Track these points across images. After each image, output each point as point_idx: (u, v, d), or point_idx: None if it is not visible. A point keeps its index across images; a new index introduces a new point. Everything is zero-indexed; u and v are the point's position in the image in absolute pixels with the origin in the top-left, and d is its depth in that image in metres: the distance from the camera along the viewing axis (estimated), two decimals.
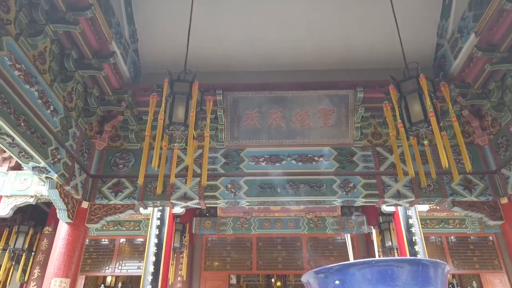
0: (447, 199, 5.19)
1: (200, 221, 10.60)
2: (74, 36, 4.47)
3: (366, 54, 5.80)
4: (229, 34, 5.77)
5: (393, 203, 5.35)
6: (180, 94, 3.84)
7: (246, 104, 5.52)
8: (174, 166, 3.78)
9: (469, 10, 5.00)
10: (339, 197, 5.27)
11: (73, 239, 5.01)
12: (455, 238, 10.12)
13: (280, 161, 5.55)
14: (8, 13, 3.66)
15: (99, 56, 4.80)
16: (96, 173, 5.49)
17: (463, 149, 3.47)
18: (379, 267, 1.14)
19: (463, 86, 5.24)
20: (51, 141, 4.42)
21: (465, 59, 5.15)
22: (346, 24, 5.64)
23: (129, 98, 5.39)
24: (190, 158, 3.59)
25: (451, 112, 3.66)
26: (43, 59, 4.28)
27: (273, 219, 10.69)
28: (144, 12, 5.72)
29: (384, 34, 5.64)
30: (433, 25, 5.78)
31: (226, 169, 5.53)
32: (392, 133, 3.95)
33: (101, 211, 5.29)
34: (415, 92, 3.76)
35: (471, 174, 5.29)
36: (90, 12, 4.16)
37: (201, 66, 5.93)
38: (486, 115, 5.50)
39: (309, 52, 5.80)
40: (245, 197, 5.30)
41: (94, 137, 5.55)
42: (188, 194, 5.32)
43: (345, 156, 5.54)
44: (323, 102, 5.46)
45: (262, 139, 5.61)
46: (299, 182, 5.37)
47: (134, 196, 5.30)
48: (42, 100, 4.23)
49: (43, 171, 4.45)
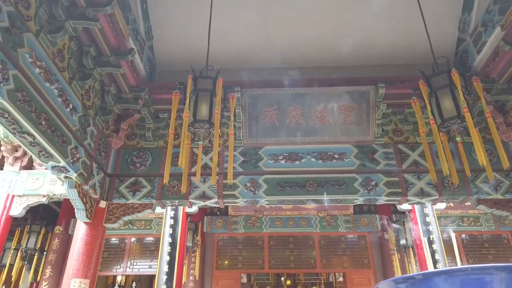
0: (472, 197, 5.08)
1: (211, 219, 10.54)
2: (93, 32, 4.38)
3: (387, 50, 5.69)
4: (247, 30, 5.67)
5: (416, 201, 5.24)
6: (204, 91, 3.75)
7: (265, 101, 5.42)
8: (199, 164, 3.69)
9: (494, 3, 4.87)
10: (361, 195, 5.17)
11: (91, 239, 4.93)
12: (469, 236, 10.01)
13: (300, 159, 5.45)
14: (28, 9, 3.58)
15: (118, 53, 4.71)
16: (113, 172, 5.41)
17: (499, 145, 3.36)
18: (472, 276, 1.03)
19: (488, 81, 5.12)
20: (70, 140, 4.34)
21: (490, 53, 5.02)
22: (366, 19, 5.51)
23: (146, 96, 5.30)
24: (216, 156, 3.50)
25: (485, 108, 3.56)
26: (62, 56, 4.20)
27: (284, 218, 10.60)
28: (159, 9, 5.63)
29: (405, 29, 5.53)
30: (454, 19, 5.65)
31: (244, 168, 5.43)
32: (423, 130, 3.85)
33: (119, 211, 5.22)
34: (446, 87, 3.64)
35: (496, 171, 5.16)
36: (110, 8, 4.07)
37: (219, 62, 5.81)
38: (510, 110, 5.37)
39: (328, 48, 5.68)
40: (264, 196, 5.21)
41: (110, 136, 5.47)
42: (206, 193, 5.23)
43: (366, 153, 5.44)
44: (343, 98, 5.35)
45: (281, 137, 5.52)
46: (320, 180, 5.28)
47: (152, 195, 5.22)
48: (62, 98, 4.15)
49: (62, 171, 4.37)
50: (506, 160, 3.30)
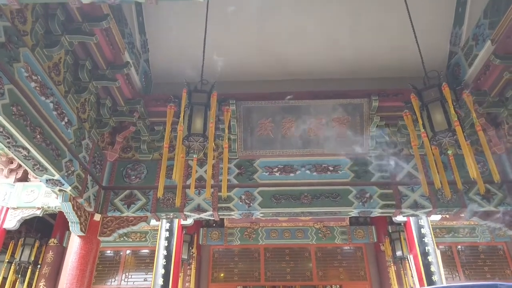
0: (466, 209, 5.11)
1: (207, 231, 10.49)
2: (88, 46, 4.42)
3: (380, 63, 5.76)
4: (242, 43, 5.73)
5: (410, 213, 5.26)
6: (198, 104, 3.79)
7: (260, 113, 5.46)
8: (194, 178, 3.71)
9: (484, 18, 4.96)
10: (356, 207, 5.19)
11: (85, 252, 4.91)
12: (465, 247, 10.00)
13: (295, 171, 5.48)
14: (24, 24, 3.62)
15: (113, 66, 4.75)
16: (108, 185, 5.41)
17: (489, 158, 3.41)
18: None
19: (479, 94, 5.18)
20: (65, 153, 4.35)
21: (481, 66, 5.09)
22: (359, 32, 5.60)
23: (141, 108, 5.33)
24: (210, 169, 3.52)
25: (476, 121, 3.60)
26: (58, 70, 4.23)
27: (280, 229, 10.58)
28: (155, 22, 5.69)
29: (397, 42, 5.60)
30: (445, 32, 5.74)
31: (239, 180, 5.45)
32: (415, 142, 3.89)
33: (113, 224, 5.20)
34: (437, 101, 3.70)
35: (489, 183, 5.20)
36: (106, 22, 4.12)
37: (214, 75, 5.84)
38: (502, 123, 5.44)
39: (322, 61, 5.75)
40: (259, 208, 5.22)
41: (105, 148, 5.48)
42: (201, 206, 5.23)
43: (360, 165, 5.47)
44: (337, 111, 5.40)
45: (275, 149, 5.55)
46: (314, 192, 5.30)
47: (147, 208, 5.22)
48: (57, 112, 4.18)
49: (57, 184, 4.37)
50: (497, 173, 3.34)
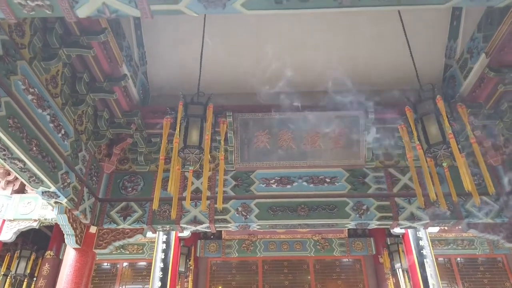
0: (463, 221, 5.10)
1: (204, 244, 10.44)
2: (86, 59, 4.46)
3: (377, 75, 5.81)
4: (238, 55, 5.78)
5: (407, 225, 5.25)
6: (194, 117, 3.81)
7: (256, 125, 5.49)
8: (189, 190, 3.70)
9: (478, 31, 5.02)
10: (352, 219, 5.18)
11: (80, 265, 4.88)
12: (464, 260, 9.95)
13: (291, 183, 5.48)
14: (22, 37, 3.66)
15: (111, 79, 4.78)
16: (104, 197, 5.40)
17: (484, 170, 3.42)
18: None
19: (475, 107, 5.22)
20: (61, 165, 4.36)
21: (476, 79, 5.14)
22: (356, 45, 5.67)
23: (139, 120, 5.35)
24: (206, 182, 3.52)
25: (470, 134, 3.62)
26: (55, 82, 4.26)
27: (279, 241, 10.53)
28: (153, 35, 5.74)
29: (393, 55, 5.66)
30: (440, 46, 5.81)
31: (236, 192, 5.44)
32: (409, 154, 3.90)
33: (109, 236, 5.18)
34: (431, 113, 3.73)
35: (486, 196, 5.20)
36: (104, 36, 4.17)
37: (210, 87, 5.93)
38: (498, 135, 5.46)
39: (319, 73, 5.79)
40: (256, 220, 5.21)
41: (102, 160, 5.49)
42: (198, 218, 5.22)
43: (357, 177, 5.48)
44: (334, 123, 5.42)
45: (272, 161, 5.56)
46: (311, 204, 5.29)
47: (143, 220, 5.20)
48: (54, 124, 4.19)
49: (52, 196, 4.37)
50: (491, 185, 3.35)
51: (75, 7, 2.29)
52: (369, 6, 2.30)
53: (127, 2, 2.26)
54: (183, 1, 2.26)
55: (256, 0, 2.26)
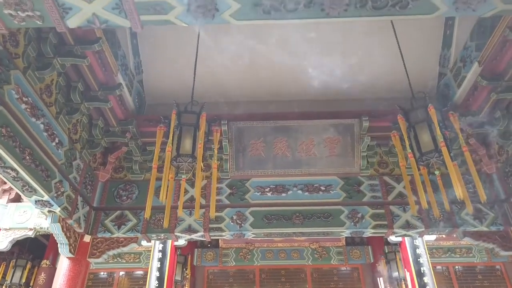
0: (458, 230, 5.09)
1: (201, 252, 10.38)
2: (81, 68, 4.48)
3: (370, 84, 5.83)
4: (234, 64, 5.81)
5: (402, 233, 5.24)
6: (188, 125, 3.82)
7: (251, 134, 5.49)
8: (182, 198, 3.71)
9: (471, 40, 5.07)
10: (347, 228, 5.16)
11: (74, 274, 4.85)
12: (462, 268, 9.89)
13: (286, 191, 5.47)
14: (16, 47, 3.68)
15: (105, 88, 4.81)
16: (99, 206, 5.39)
17: (476, 179, 3.42)
18: None
19: (468, 115, 5.23)
20: (55, 174, 4.35)
21: (469, 88, 5.17)
22: (350, 54, 5.70)
23: (134, 129, 5.36)
24: (198, 190, 3.52)
25: (462, 142, 3.64)
26: (50, 91, 4.28)
27: (276, 250, 10.47)
28: (149, 44, 5.78)
29: (387, 64, 5.69)
30: (435, 54, 5.85)
31: (231, 200, 5.44)
32: (402, 163, 3.91)
33: (103, 245, 5.16)
34: (424, 122, 3.75)
35: (481, 204, 5.20)
36: (98, 45, 4.20)
37: (206, 96, 5.94)
38: (492, 143, 5.47)
39: (314, 82, 5.82)
40: (251, 229, 5.19)
41: (97, 169, 5.48)
42: (192, 227, 5.21)
43: (352, 185, 5.48)
44: (328, 131, 5.44)
45: (267, 169, 5.56)
46: (306, 212, 5.28)
47: (137, 229, 5.19)
48: (48, 133, 4.20)
49: (46, 205, 4.36)
50: (483, 193, 3.36)
51: (65, 18, 2.31)
52: (355, 17, 2.33)
53: (117, 13, 2.28)
54: (173, 11, 2.28)
55: (244, 11, 2.28)
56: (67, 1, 2.19)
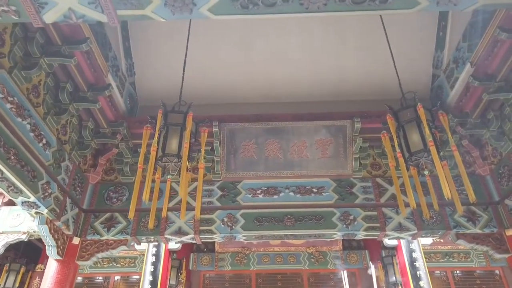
0: (451, 232, 5.02)
1: (197, 256, 10.29)
2: (69, 69, 4.46)
3: (363, 85, 5.81)
4: (226, 66, 5.79)
5: (395, 236, 5.18)
6: (174, 125, 3.78)
7: (243, 135, 5.46)
8: (167, 199, 3.66)
9: (463, 41, 5.04)
10: (339, 230, 5.10)
11: (62, 277, 4.79)
12: (460, 272, 9.78)
13: (278, 193, 5.42)
14: (2, 46, 3.66)
15: (95, 88, 4.78)
16: (89, 208, 5.34)
17: (465, 179, 3.36)
18: None
19: (461, 116, 5.20)
20: (42, 175, 4.31)
21: (462, 89, 5.14)
22: (343, 56, 5.68)
23: (124, 130, 5.33)
24: (183, 191, 3.48)
25: (451, 141, 3.58)
26: (37, 92, 4.25)
27: (272, 254, 10.38)
28: (142, 46, 5.77)
29: (380, 65, 5.65)
30: (428, 56, 5.82)
31: (222, 202, 5.38)
32: (392, 163, 3.86)
33: (92, 248, 5.10)
34: (413, 121, 3.69)
35: (474, 205, 5.14)
36: (86, 45, 4.17)
37: (199, 98, 5.92)
38: (486, 144, 5.42)
39: (306, 84, 5.80)
40: (242, 231, 5.13)
41: (88, 171, 5.44)
42: (183, 229, 5.15)
43: (344, 187, 5.42)
44: (320, 132, 5.40)
45: (259, 171, 5.51)
46: (298, 215, 5.22)
47: (127, 232, 5.13)
48: (35, 133, 4.16)
49: (32, 206, 4.31)
50: (472, 194, 3.29)
51: (41, 12, 2.28)
52: (335, 11, 2.29)
53: (93, 7, 2.26)
54: (149, 6, 2.25)
55: (222, 6, 2.25)
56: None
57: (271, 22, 5.38)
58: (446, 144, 5.21)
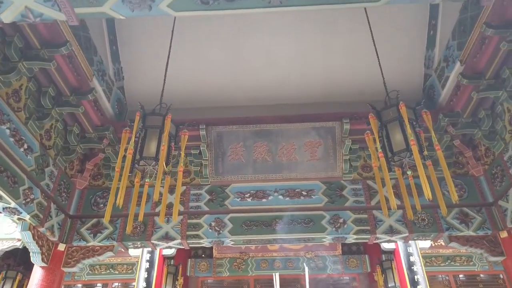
0: (443, 234, 4.89)
1: (195, 262, 10.19)
2: (51, 73, 4.42)
3: (352, 86, 5.71)
4: (214, 69, 5.74)
5: (386, 239, 5.05)
6: (152, 128, 3.72)
7: (231, 138, 5.39)
8: (143, 203, 3.60)
9: (453, 39, 4.95)
10: (329, 233, 4.99)
11: (47, 284, 4.72)
12: (463, 277, 9.58)
13: (267, 196, 5.33)
14: None
15: (78, 93, 4.74)
16: (75, 213, 5.29)
17: (448, 178, 3.25)
18: None
19: (453, 115, 5.09)
20: (23, 180, 4.26)
21: (453, 87, 5.04)
22: (331, 57, 5.61)
23: (111, 135, 5.28)
24: (157, 195, 3.42)
25: (435, 141, 3.48)
26: (18, 96, 4.21)
27: (271, 259, 10.25)
28: (131, 50, 5.73)
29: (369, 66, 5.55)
30: (420, 56, 5.73)
31: (210, 206, 5.30)
32: (375, 163, 3.76)
33: (78, 254, 5.04)
34: (396, 120, 3.61)
35: (467, 207, 5.02)
36: (65, 48, 4.14)
37: (186, 101, 5.89)
38: (479, 144, 5.30)
39: (294, 85, 5.72)
40: (229, 236, 5.04)
41: (75, 176, 5.40)
42: (170, 234, 5.07)
43: (334, 190, 5.32)
44: (309, 134, 5.32)
45: (247, 174, 5.44)
46: (287, 218, 5.12)
47: (113, 237, 5.06)
48: (15, 138, 4.12)
49: (14, 212, 4.27)
50: (455, 194, 3.17)
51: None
52: (299, 6, 2.22)
53: (50, 6, 2.21)
54: (108, 3, 2.20)
55: (182, 1, 2.19)
56: None
57: (259, 24, 5.33)
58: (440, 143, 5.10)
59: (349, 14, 5.18)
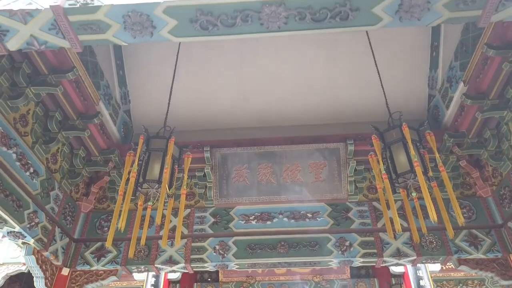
0: (452, 257, 4.77)
1: (201, 286, 10.06)
2: (58, 98, 4.51)
3: (356, 107, 5.73)
4: (219, 91, 5.80)
5: (394, 262, 4.94)
6: (156, 151, 3.75)
7: (235, 160, 5.39)
8: (146, 226, 3.58)
9: (455, 60, 4.97)
10: (335, 257, 4.90)
11: None
12: None
13: (272, 219, 5.28)
14: None
15: (84, 117, 4.80)
16: (80, 237, 5.27)
17: (452, 200, 3.21)
18: None
19: (458, 136, 5.06)
20: (28, 204, 4.28)
21: (457, 108, 5.02)
22: (335, 78, 5.65)
23: (116, 158, 5.32)
24: (159, 218, 3.40)
25: (439, 162, 3.45)
26: (25, 121, 4.29)
27: (278, 283, 10.09)
28: (137, 74, 5.83)
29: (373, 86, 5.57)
30: (423, 77, 5.75)
31: (214, 229, 5.25)
32: (379, 185, 3.73)
33: (82, 278, 5.00)
34: (399, 141, 3.60)
35: (476, 229, 4.91)
36: (72, 74, 4.22)
37: (191, 124, 5.95)
38: (486, 165, 5.23)
39: (298, 107, 5.75)
40: (234, 259, 4.97)
41: (80, 199, 5.41)
42: (173, 258, 5.02)
43: (339, 212, 5.25)
44: (314, 156, 5.30)
45: (252, 196, 5.40)
46: (291, 241, 5.05)
47: (117, 261, 5.02)
48: (21, 162, 4.17)
49: (18, 236, 4.27)
50: (461, 217, 3.13)
51: (4, 40, 2.31)
52: (296, 30, 2.26)
53: (55, 33, 2.27)
54: (110, 30, 2.26)
55: (182, 28, 2.24)
56: (3, 23, 2.19)
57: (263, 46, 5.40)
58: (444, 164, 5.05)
59: (353, 36, 5.24)
